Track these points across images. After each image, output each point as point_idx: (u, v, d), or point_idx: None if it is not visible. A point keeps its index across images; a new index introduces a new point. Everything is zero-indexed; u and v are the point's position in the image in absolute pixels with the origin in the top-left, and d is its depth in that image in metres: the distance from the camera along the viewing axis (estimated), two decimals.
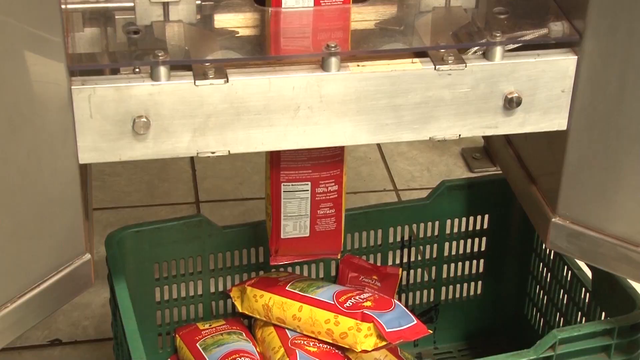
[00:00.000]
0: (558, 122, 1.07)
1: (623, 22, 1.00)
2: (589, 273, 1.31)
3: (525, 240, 1.43)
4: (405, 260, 1.42)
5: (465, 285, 1.47)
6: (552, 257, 1.39)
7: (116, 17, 1.02)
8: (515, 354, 1.15)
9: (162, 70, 0.96)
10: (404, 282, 1.43)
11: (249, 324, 1.36)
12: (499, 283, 1.47)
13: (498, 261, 1.46)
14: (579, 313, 1.33)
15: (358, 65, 1.01)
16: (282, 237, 1.21)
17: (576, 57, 1.04)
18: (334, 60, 0.99)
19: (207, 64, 0.98)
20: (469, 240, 1.44)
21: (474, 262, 1.46)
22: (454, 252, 1.45)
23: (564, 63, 1.04)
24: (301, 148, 1.04)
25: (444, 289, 1.46)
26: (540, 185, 1.17)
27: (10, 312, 1.00)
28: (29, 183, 0.97)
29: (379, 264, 1.42)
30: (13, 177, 0.96)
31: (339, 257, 1.31)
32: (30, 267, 1.01)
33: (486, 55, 1.03)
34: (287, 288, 1.29)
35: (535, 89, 1.04)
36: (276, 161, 1.16)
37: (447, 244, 1.43)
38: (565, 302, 1.36)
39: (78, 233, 1.02)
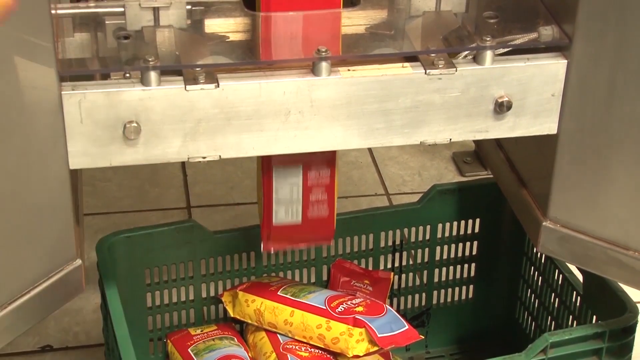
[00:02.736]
0: (548, 126, 1.07)
1: (612, 26, 1.01)
2: (580, 276, 1.31)
3: (516, 244, 1.44)
4: (396, 264, 1.42)
5: (456, 289, 1.47)
6: (543, 261, 1.39)
7: (106, 22, 1.01)
8: (507, 358, 1.15)
9: (153, 75, 0.96)
10: (395, 287, 1.43)
11: (241, 329, 1.36)
12: (491, 287, 1.47)
13: (489, 265, 1.46)
14: (570, 316, 1.33)
15: (349, 70, 1.01)
16: (273, 223, 1.20)
17: (566, 61, 1.04)
18: (324, 65, 0.99)
19: (197, 69, 0.98)
20: (460, 244, 1.44)
21: (466, 266, 1.46)
22: (445, 256, 1.45)
23: (554, 67, 1.04)
24: (292, 153, 1.04)
25: (435, 293, 1.46)
26: (531, 189, 1.17)
27: (1, 318, 1.00)
28: (19, 189, 0.97)
29: (370, 268, 1.42)
30: (2, 183, 0.95)
31: (331, 243, 1.30)
32: (20, 273, 1.00)
33: (476, 59, 1.03)
34: (278, 293, 1.29)
35: (526, 93, 1.05)
36: None
37: (438, 248, 1.43)
38: (556, 305, 1.36)
39: (69, 239, 1.02)
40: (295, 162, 1.16)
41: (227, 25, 1.05)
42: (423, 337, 1.26)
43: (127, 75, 0.98)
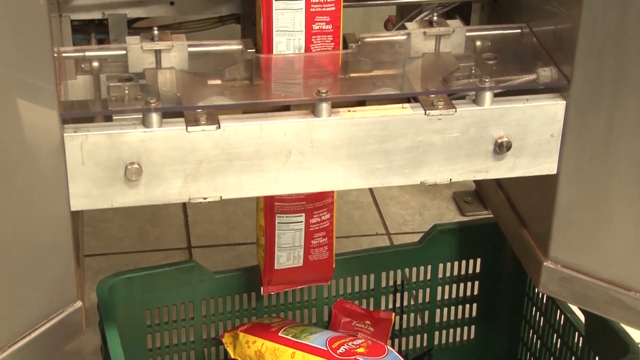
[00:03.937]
0: (548, 166, 1.07)
1: (610, 66, 1.01)
2: (581, 317, 1.31)
3: (517, 284, 1.43)
4: (398, 304, 1.42)
5: (458, 329, 1.46)
6: (544, 301, 1.39)
7: (109, 64, 1.02)
8: None
9: (154, 116, 0.97)
10: (397, 327, 1.43)
11: None
12: (492, 327, 1.46)
13: (491, 305, 1.45)
14: (573, 357, 1.33)
15: (349, 111, 1.02)
16: (275, 268, 1.21)
17: (565, 102, 1.04)
18: (324, 106, 1.00)
19: (198, 110, 0.99)
20: (462, 284, 1.44)
21: (467, 306, 1.45)
22: (446, 296, 1.44)
23: (553, 108, 1.05)
24: (293, 193, 1.05)
25: (437, 333, 1.45)
26: (532, 229, 1.17)
27: None
28: (20, 230, 0.97)
29: (371, 308, 1.42)
30: (4, 224, 0.96)
31: (329, 283, 1.31)
32: (21, 315, 1.00)
33: (476, 100, 1.04)
34: (279, 334, 1.28)
35: (525, 133, 1.05)
36: None
37: (439, 288, 1.43)
38: (558, 346, 1.36)
39: (69, 280, 1.02)
40: (297, 211, 1.17)
41: (228, 67, 1.05)
42: None
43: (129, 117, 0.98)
